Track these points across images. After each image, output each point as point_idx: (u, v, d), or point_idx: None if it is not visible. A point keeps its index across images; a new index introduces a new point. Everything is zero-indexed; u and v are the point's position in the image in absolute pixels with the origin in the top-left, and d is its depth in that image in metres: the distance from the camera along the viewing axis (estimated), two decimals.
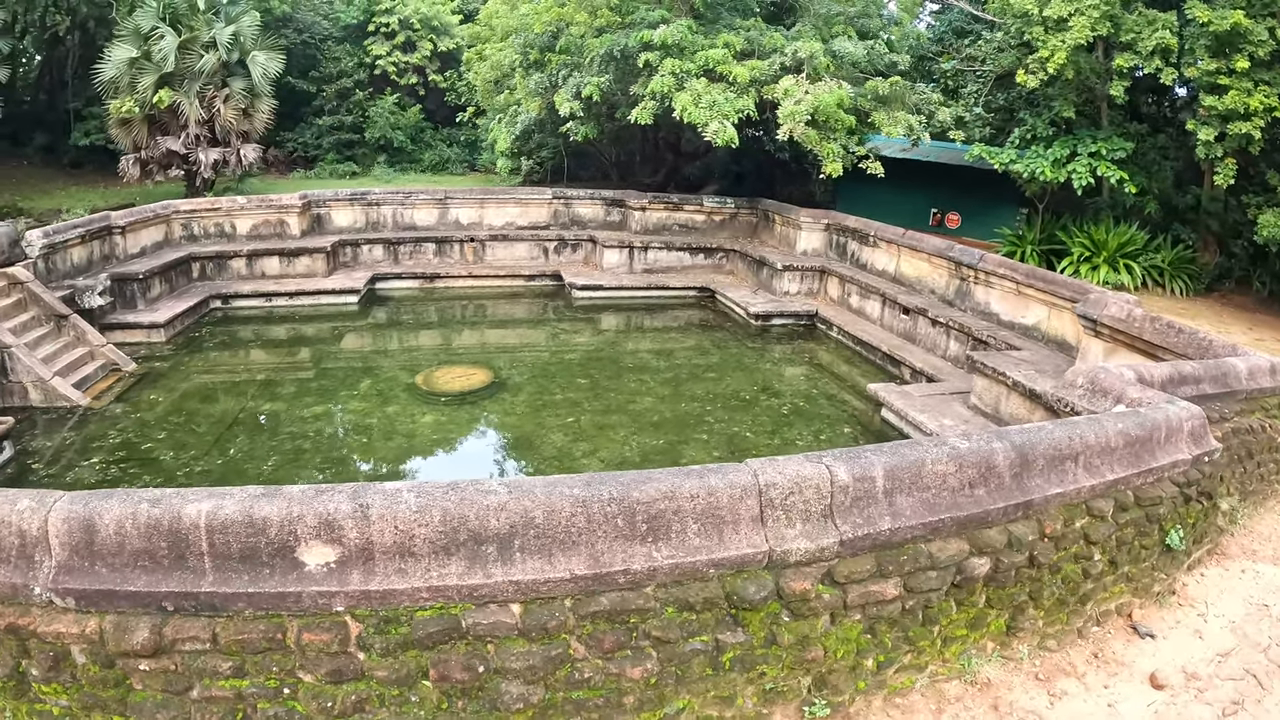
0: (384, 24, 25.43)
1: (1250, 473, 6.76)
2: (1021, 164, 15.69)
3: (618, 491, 3.47)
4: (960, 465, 4.12)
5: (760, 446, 9.03)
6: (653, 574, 3.44)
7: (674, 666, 3.47)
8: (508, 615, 3.29)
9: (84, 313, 11.27)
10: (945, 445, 4.18)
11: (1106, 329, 9.06)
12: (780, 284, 14.17)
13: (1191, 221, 16.74)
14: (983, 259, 11.37)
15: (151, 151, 19.12)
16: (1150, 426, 5.05)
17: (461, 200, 16.43)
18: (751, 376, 11.32)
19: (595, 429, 9.58)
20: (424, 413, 9.83)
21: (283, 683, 3.26)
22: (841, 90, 12.96)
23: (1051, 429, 4.62)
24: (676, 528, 3.52)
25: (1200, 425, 5.52)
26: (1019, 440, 4.39)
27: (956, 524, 4.01)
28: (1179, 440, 5.30)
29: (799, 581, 3.61)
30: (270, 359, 12.00)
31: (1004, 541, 4.14)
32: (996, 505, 4.16)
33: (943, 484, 4.06)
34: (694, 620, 3.47)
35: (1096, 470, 4.68)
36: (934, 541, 3.94)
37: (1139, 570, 5.05)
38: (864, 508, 3.86)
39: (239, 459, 8.35)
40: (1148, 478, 4.99)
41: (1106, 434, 4.75)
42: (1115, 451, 4.80)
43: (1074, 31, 13.49)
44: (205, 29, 18.83)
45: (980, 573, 4.02)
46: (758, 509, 3.66)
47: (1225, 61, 13.11)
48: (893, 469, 3.93)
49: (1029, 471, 4.38)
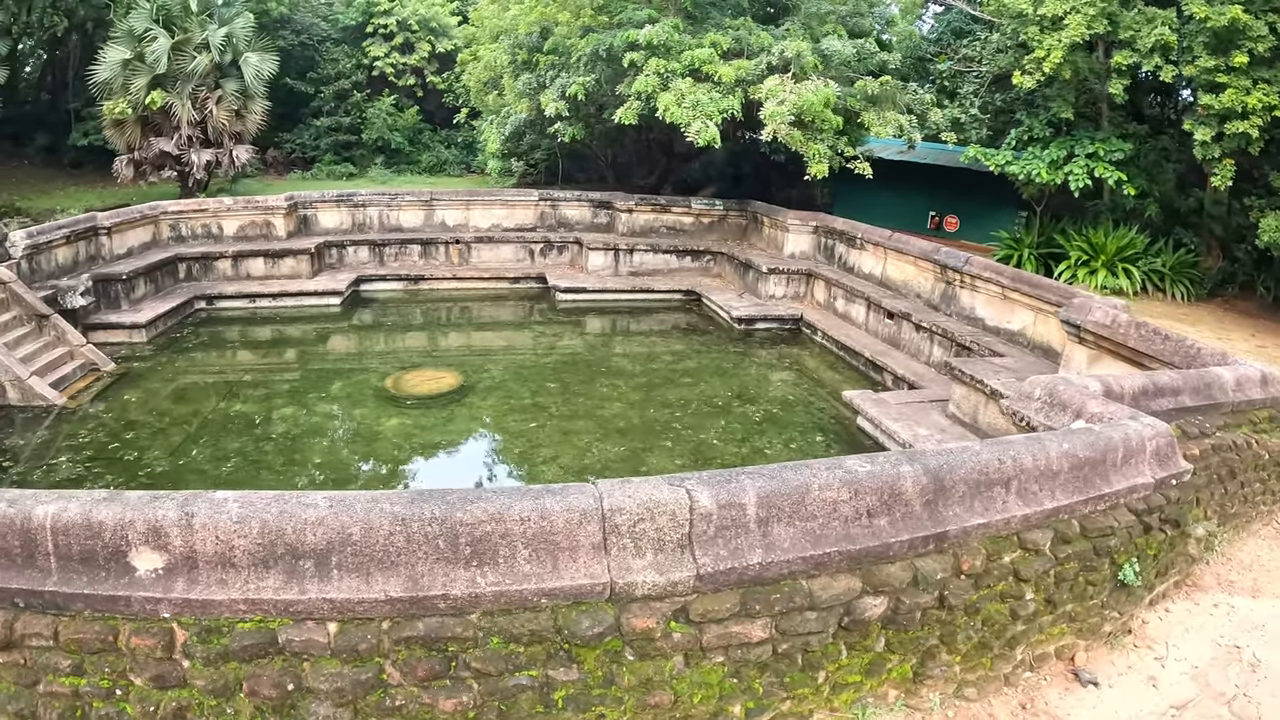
0: (382, 25, 25.36)
1: (1232, 494, 6.36)
2: (1017, 165, 15.35)
3: (440, 511, 3.29)
4: (856, 492, 3.72)
5: (728, 455, 8.77)
6: (476, 601, 3.24)
7: (497, 701, 3.27)
8: (322, 634, 3.20)
9: (67, 313, 11.23)
10: (839, 469, 3.76)
11: (1091, 335, 8.70)
12: (765, 287, 13.89)
13: (1194, 225, 16.31)
14: (968, 262, 11.05)
15: (145, 152, 19.12)
16: (1104, 447, 4.62)
17: (447, 202, 16.28)
18: (728, 382, 11.05)
19: (559, 434, 9.38)
20: (389, 416, 9.69)
21: (115, 684, 3.30)
22: (828, 89, 12.68)
23: (978, 451, 4.19)
24: (504, 553, 3.30)
25: (1167, 444, 5.09)
26: (935, 464, 3.96)
27: (848, 559, 3.61)
28: (1139, 462, 4.87)
29: (643, 618, 3.30)
30: (247, 360, 11.94)
31: (907, 579, 3.73)
32: (900, 538, 3.74)
33: (832, 513, 3.66)
34: (521, 653, 3.25)
35: (1033, 497, 4.25)
36: (818, 578, 3.54)
37: (1084, 609, 4.59)
38: (731, 539, 3.47)
39: (200, 460, 8.28)
40: (1098, 505, 4.56)
41: (1047, 456, 4.32)
42: (1058, 476, 4.38)
43: (1070, 30, 13.14)
44: (198, 31, 18.81)
45: (873, 614, 3.63)
46: (600, 536, 3.36)
47: (1224, 58, 12.72)
48: (769, 495, 3.55)
49: (945, 499, 3.96)
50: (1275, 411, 7.36)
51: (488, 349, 12.93)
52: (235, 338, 12.77)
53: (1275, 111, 12.73)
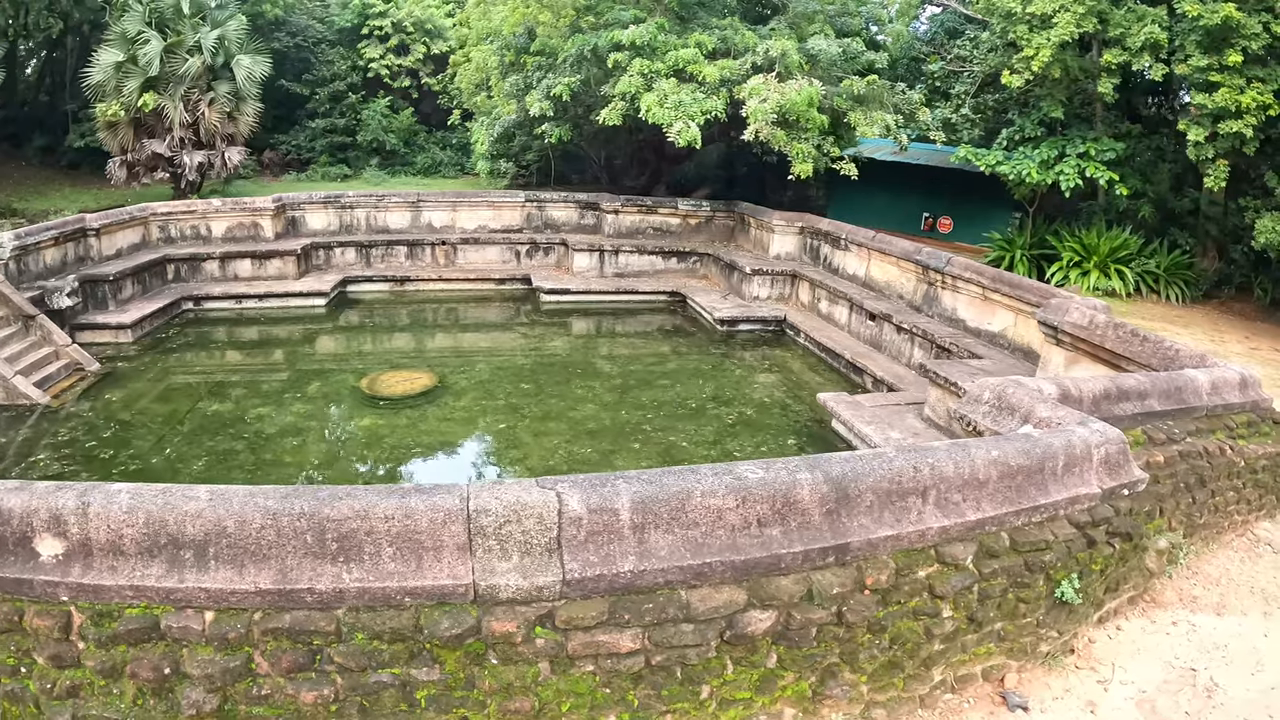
0: (377, 27, 25.36)
1: (1201, 503, 6.10)
2: (1008, 166, 15.16)
3: (309, 507, 3.32)
4: (744, 500, 3.52)
5: (696, 457, 8.64)
6: (341, 596, 3.26)
7: (359, 696, 3.28)
8: (198, 622, 3.29)
9: (54, 313, 11.29)
10: (728, 475, 3.57)
11: (1068, 337, 8.51)
12: (749, 288, 13.76)
13: (1190, 226, 16.08)
14: (949, 262, 10.89)
15: (137, 154, 19.17)
16: (1041, 455, 4.33)
17: (434, 203, 16.23)
18: (706, 384, 10.92)
19: (530, 436, 9.28)
20: (362, 416, 9.69)
21: (20, 661, 3.43)
22: (812, 88, 12.54)
23: (891, 458, 3.93)
24: (370, 550, 3.30)
25: (1118, 452, 4.80)
26: (838, 471, 3.75)
27: (733, 570, 3.43)
28: (1085, 471, 4.61)
29: (505, 622, 3.24)
30: (230, 361, 11.94)
31: (800, 593, 3.51)
32: (793, 550, 3.53)
33: (717, 521, 3.49)
34: (384, 650, 3.25)
35: (954, 508, 4.00)
36: (699, 589, 3.38)
37: (1016, 627, 4.31)
38: (603, 544, 3.35)
39: (173, 458, 8.33)
40: (1033, 517, 4.29)
41: (972, 464, 4.05)
42: (985, 485, 4.10)
43: (1058, 29, 12.97)
44: (191, 33, 18.85)
45: (759, 629, 3.43)
46: (465, 537, 3.31)
47: (1217, 57, 12.51)
48: (645, 501, 3.40)
49: (849, 509, 3.74)
50: (1255, 416, 7.12)
51: (468, 350, 12.85)
52: (220, 338, 12.76)
53: (1270, 111, 12.51)
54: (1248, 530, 6.78)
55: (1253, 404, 7.12)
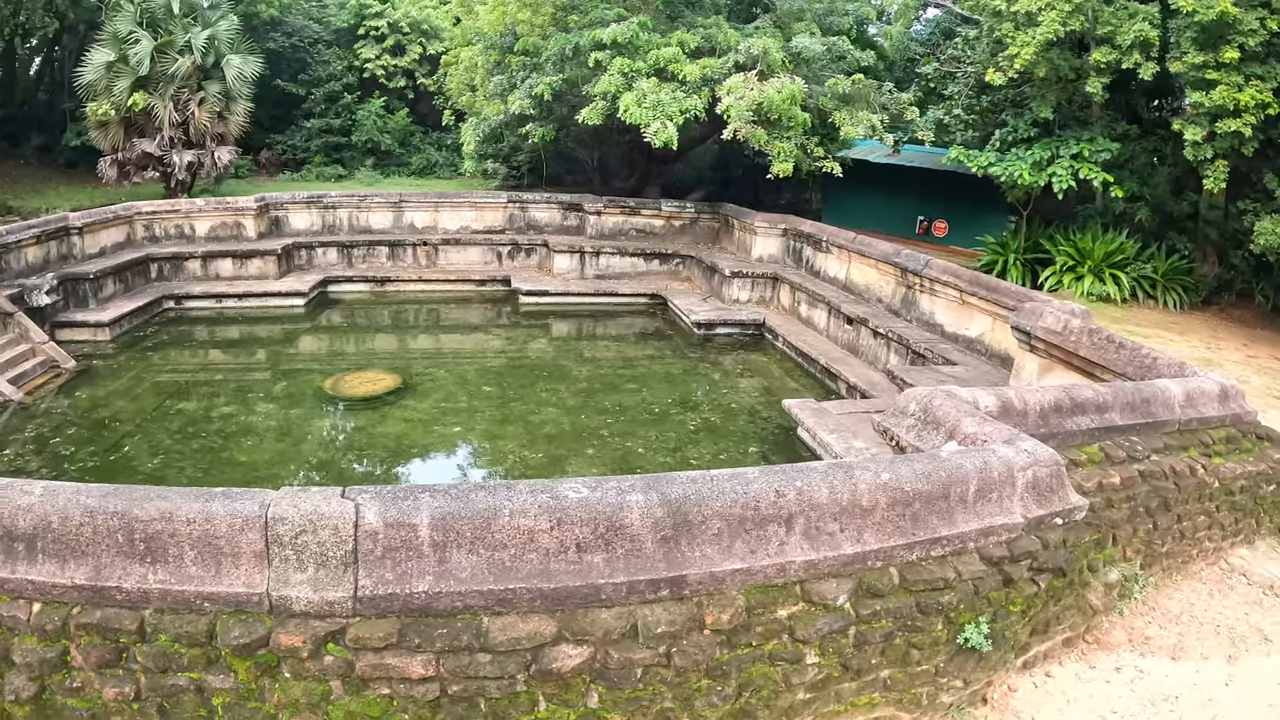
0: (374, 27, 25.27)
1: (1164, 530, 5.53)
2: (1000, 167, 14.76)
3: (122, 506, 3.31)
4: (559, 522, 3.22)
5: (654, 463, 8.37)
6: (146, 597, 3.27)
7: (159, 697, 3.28)
8: (25, 612, 3.33)
9: (34, 311, 11.26)
10: (544, 494, 3.28)
11: (1041, 343, 8.14)
12: (729, 291, 13.47)
13: (1189, 230, 15.60)
14: (927, 265, 10.56)
15: (128, 153, 19.16)
16: (946, 479, 3.83)
17: (416, 204, 16.07)
18: (674, 389, 10.65)
19: (486, 439, 9.11)
20: (322, 416, 9.57)
21: None
22: (794, 86, 12.24)
23: (750, 479, 3.52)
24: (174, 552, 3.27)
25: (1049, 475, 4.29)
26: (678, 493, 3.36)
27: (544, 598, 3.16)
28: (1005, 497, 4.10)
29: (293, 636, 3.12)
30: (202, 360, 11.88)
31: (622, 629, 3.17)
32: (617, 579, 3.20)
33: (529, 544, 3.21)
34: (184, 654, 3.23)
35: (827, 540, 3.57)
36: (503, 617, 3.13)
37: (908, 675, 3.83)
38: (400, 562, 3.16)
39: (131, 455, 8.34)
40: (932, 550, 3.80)
41: (854, 489, 3.59)
42: (870, 514, 3.66)
43: (1044, 26, 12.59)
44: (181, 33, 18.81)
45: (569, 665, 3.11)
46: (262, 545, 3.22)
47: (1213, 54, 12.08)
48: (447, 518, 3.17)
49: (690, 538, 3.36)
50: (1236, 431, 6.62)
51: (439, 351, 12.66)
52: (196, 337, 12.67)
53: (1269, 109, 12.08)
54: (1220, 559, 6.18)
55: (1234, 417, 6.63)
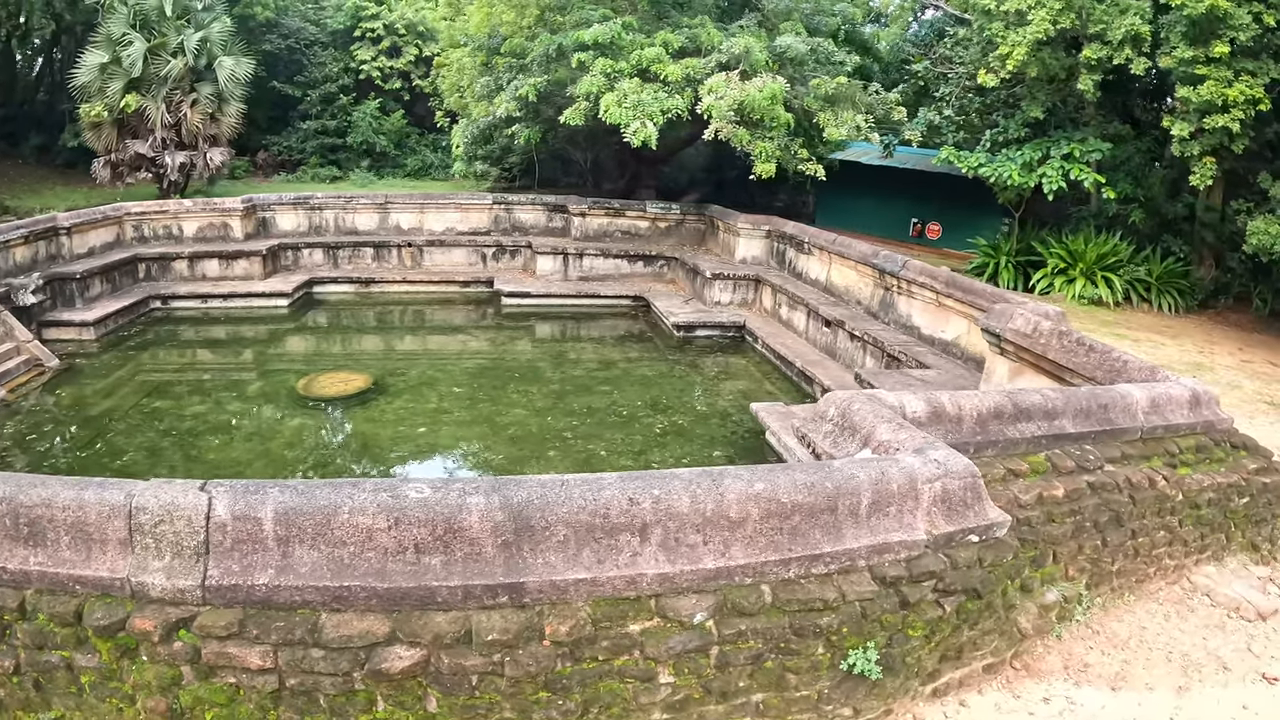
0: (370, 29, 25.30)
1: (1115, 546, 5.18)
2: (990, 168, 14.55)
3: (10, 492, 3.47)
4: (398, 521, 3.19)
5: (615, 467, 8.21)
6: (28, 578, 3.44)
7: (36, 673, 3.46)
8: None
9: (21, 310, 11.33)
10: (385, 493, 3.26)
11: (1011, 345, 7.91)
12: (711, 293, 13.31)
13: (1184, 233, 15.33)
14: (905, 266, 10.36)
15: (121, 154, 19.23)
16: (832, 490, 3.58)
17: (402, 205, 16.03)
18: (647, 391, 10.50)
19: (449, 440, 9.02)
20: (292, 416, 9.51)
21: None
22: (776, 85, 12.08)
23: (602, 485, 3.37)
24: (52, 536, 3.45)
25: (963, 488, 3.99)
26: (521, 497, 3.28)
27: (379, 598, 3.15)
28: (906, 511, 3.83)
29: (147, 620, 3.27)
30: (182, 359, 11.89)
31: (456, 634, 3.11)
32: (452, 583, 3.16)
33: (367, 542, 3.20)
34: (57, 633, 3.39)
35: (687, 552, 3.37)
36: (340, 614, 3.12)
37: (784, 701, 3.61)
38: (247, 554, 3.25)
39: (102, 452, 8.41)
40: (813, 567, 3.57)
41: (720, 498, 3.41)
42: (740, 526, 3.47)
43: (1034, 25, 12.39)
44: (174, 35, 18.87)
45: (399, 667, 3.06)
46: (126, 533, 3.37)
47: (1203, 49, 11.84)
48: (290, 513, 3.22)
49: (534, 544, 3.27)
50: (1208, 439, 6.28)
51: (417, 352, 12.59)
52: (179, 337, 12.67)
53: (1260, 105, 11.83)
54: (1183, 577, 5.81)
55: (1206, 425, 6.27)
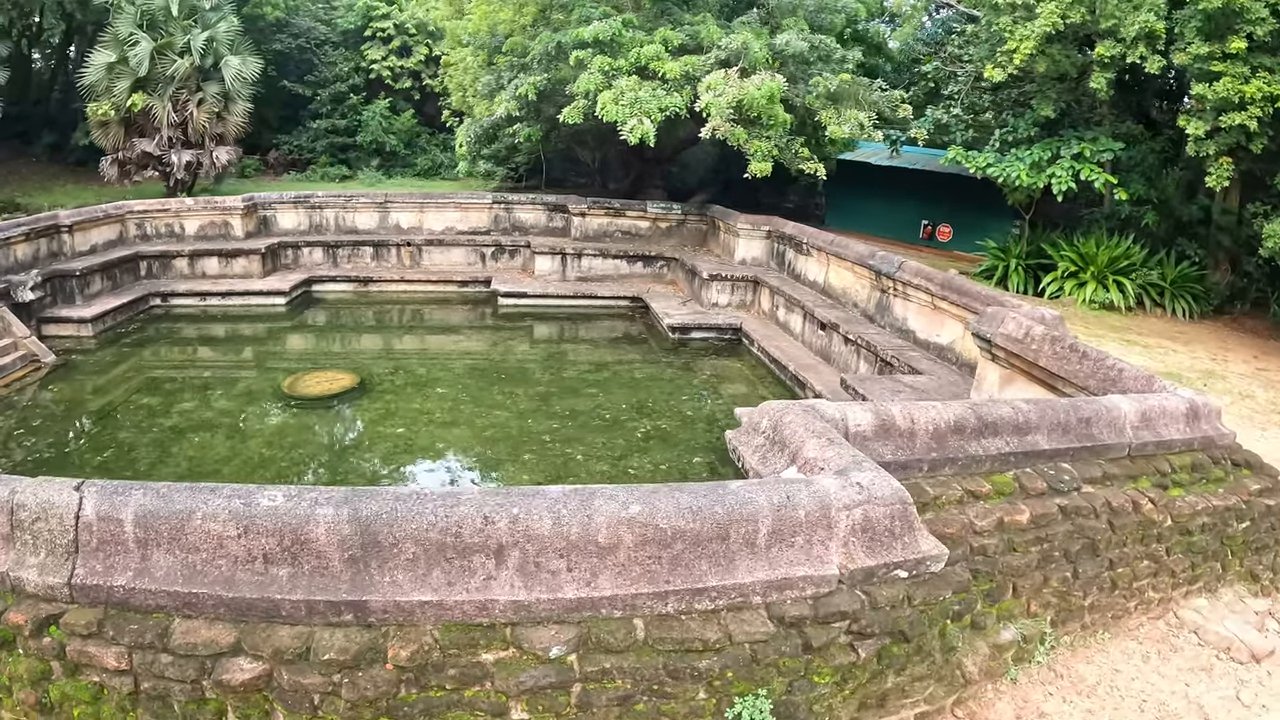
0: (380, 29, 25.32)
1: (1089, 578, 4.66)
2: (998, 168, 14.18)
3: None
4: (247, 530, 3.10)
5: (591, 473, 8.02)
6: None
7: None
8: None
9: (20, 306, 11.38)
10: (237, 499, 3.21)
11: (1002, 351, 7.57)
12: (708, 295, 13.07)
13: (1199, 236, 14.85)
14: (901, 268, 10.06)
15: (128, 153, 19.33)
16: (724, 517, 3.26)
17: (401, 204, 15.94)
18: (635, 394, 10.28)
19: (426, 441, 8.88)
20: (275, 415, 9.46)
21: None
22: (774, 83, 11.82)
23: (457, 501, 3.21)
24: None
25: (891, 517, 3.58)
26: (370, 511, 3.14)
27: (226, 606, 3.10)
28: (818, 542, 3.44)
29: (20, 614, 3.27)
30: (175, 356, 11.89)
31: (297, 649, 3.00)
32: (296, 596, 3.06)
33: (218, 549, 3.16)
34: None
35: (547, 579, 3.13)
36: (191, 620, 3.15)
37: None
38: (111, 554, 3.27)
39: (86, 447, 8.49)
40: (698, 602, 3.23)
41: (588, 521, 3.15)
42: (612, 553, 3.18)
43: (1041, 19, 12.04)
44: (180, 35, 18.93)
45: (240, 679, 2.98)
46: (9, 527, 3.38)
47: (1219, 44, 11.42)
48: (148, 516, 3.20)
49: (381, 560, 3.12)
50: (1206, 457, 5.72)
51: (408, 352, 12.45)
52: (176, 334, 12.67)
53: (1278, 103, 11.38)
54: (1168, 612, 5.27)
55: (1204, 440, 5.75)
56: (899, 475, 4.22)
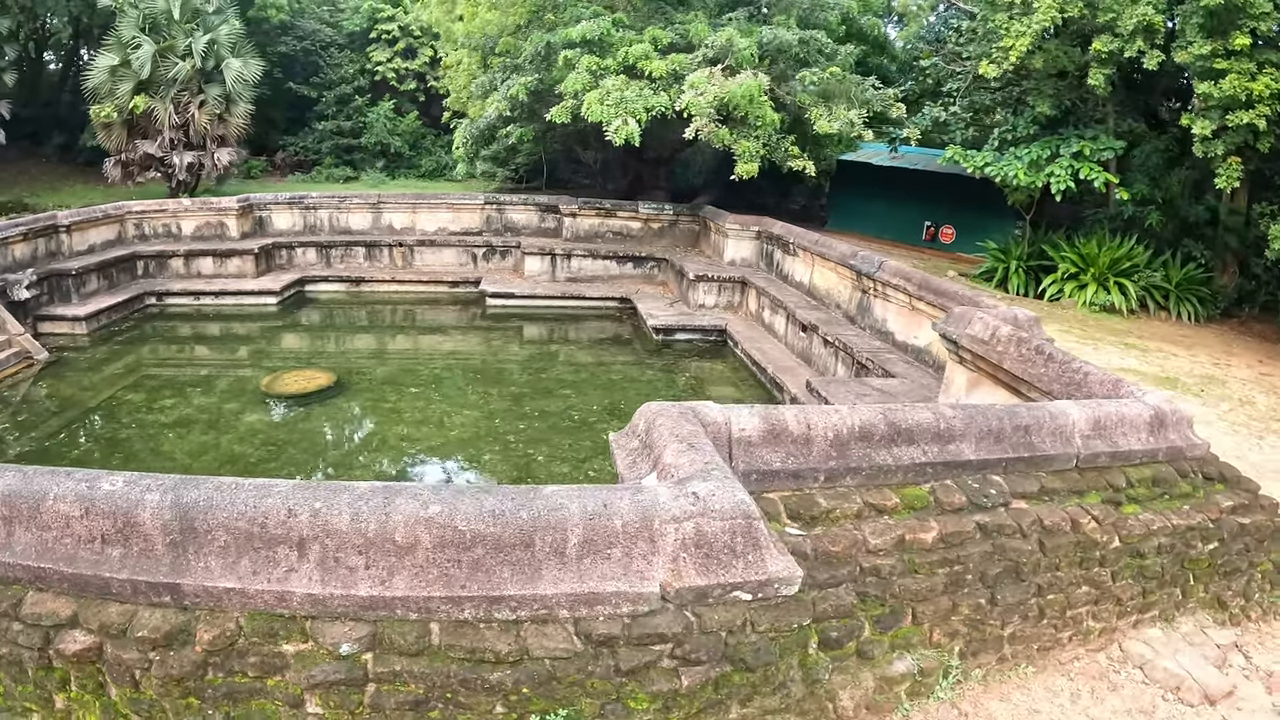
0: (386, 31, 25.45)
1: (1010, 606, 4.19)
2: (996, 167, 13.87)
3: None
4: (88, 511, 3.24)
5: (553, 474, 7.89)
6: None
7: None
8: None
9: (16, 304, 11.52)
10: (84, 483, 3.33)
11: (967, 352, 7.27)
12: (695, 296, 12.89)
13: (1206, 237, 14.42)
14: (880, 268, 9.82)
15: (131, 154, 19.53)
16: (529, 524, 3.10)
17: (394, 205, 15.93)
18: (611, 396, 10.13)
19: (393, 439, 8.86)
20: (250, 412, 9.48)
21: None
22: (755, 81, 11.62)
23: (270, 491, 3.20)
24: None
25: (729, 533, 3.23)
26: (190, 498, 3.21)
27: (69, 582, 3.29)
28: (640, 556, 3.18)
29: None
30: (165, 354, 11.98)
31: (122, 625, 3.16)
32: (122, 575, 3.19)
33: (65, 528, 3.29)
34: None
35: (345, 576, 3.07)
36: (42, 593, 3.32)
37: None
38: None
39: (64, 441, 8.64)
40: (497, 610, 3.08)
41: (387, 519, 3.06)
42: (410, 553, 3.08)
43: (1039, 14, 11.73)
44: (182, 38, 19.10)
45: (72, 649, 3.17)
46: None
47: (1222, 41, 11.06)
48: (11, 495, 3.33)
49: (198, 546, 3.15)
50: (1171, 469, 5.14)
51: (389, 352, 12.40)
52: (167, 333, 12.77)
53: None
54: (1112, 644, 4.69)
55: (1170, 451, 5.18)
56: (790, 485, 3.97)
